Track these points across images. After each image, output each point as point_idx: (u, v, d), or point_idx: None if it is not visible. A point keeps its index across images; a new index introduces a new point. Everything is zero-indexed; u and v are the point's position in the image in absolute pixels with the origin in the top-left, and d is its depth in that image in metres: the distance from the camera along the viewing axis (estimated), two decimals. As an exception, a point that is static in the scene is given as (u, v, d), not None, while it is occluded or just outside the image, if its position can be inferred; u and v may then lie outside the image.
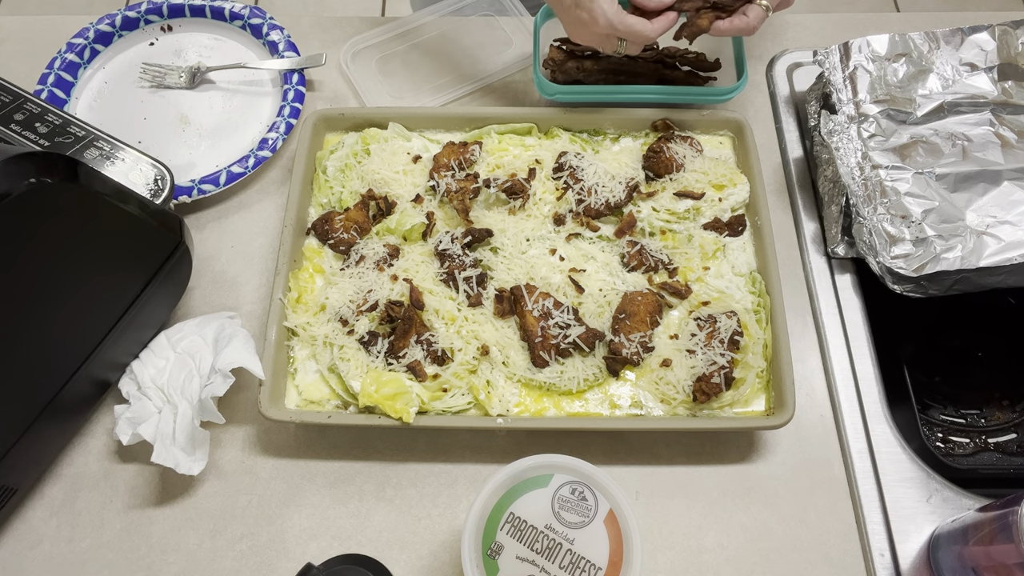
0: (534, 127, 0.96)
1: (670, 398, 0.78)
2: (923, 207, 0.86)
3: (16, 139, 0.79)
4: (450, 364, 0.79)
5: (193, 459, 0.75)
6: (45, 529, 0.77)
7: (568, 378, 0.79)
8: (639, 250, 0.87)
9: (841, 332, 0.88)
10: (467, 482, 0.80)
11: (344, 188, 0.91)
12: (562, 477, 0.63)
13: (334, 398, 0.80)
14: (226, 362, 0.76)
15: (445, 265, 0.84)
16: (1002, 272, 0.82)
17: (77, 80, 1.04)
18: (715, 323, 0.81)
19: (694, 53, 1.00)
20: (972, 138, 0.90)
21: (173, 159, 0.97)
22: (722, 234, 0.88)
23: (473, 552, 0.60)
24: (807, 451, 0.82)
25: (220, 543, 0.77)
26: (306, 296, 0.84)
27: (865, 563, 0.76)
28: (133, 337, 0.79)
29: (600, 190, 0.88)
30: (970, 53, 0.94)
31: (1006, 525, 0.64)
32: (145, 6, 1.07)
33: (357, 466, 0.81)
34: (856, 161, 0.90)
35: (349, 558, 0.61)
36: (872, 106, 0.93)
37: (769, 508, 0.79)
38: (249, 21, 1.07)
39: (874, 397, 0.84)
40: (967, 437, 0.99)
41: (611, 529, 0.61)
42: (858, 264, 0.91)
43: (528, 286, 0.83)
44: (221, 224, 0.96)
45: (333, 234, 0.87)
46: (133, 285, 0.75)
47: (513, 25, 1.10)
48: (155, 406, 0.77)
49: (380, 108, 0.97)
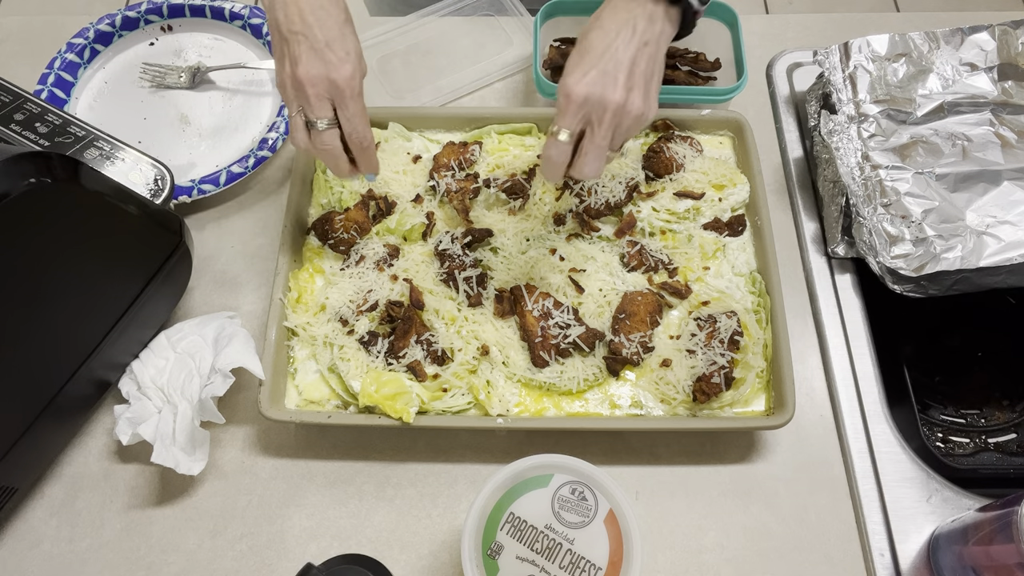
0: (534, 127, 0.96)
1: (670, 398, 0.78)
2: (923, 207, 0.86)
3: (16, 139, 0.79)
4: (450, 364, 0.79)
5: (193, 459, 0.75)
6: (45, 529, 0.77)
7: (568, 378, 0.79)
8: (639, 250, 0.87)
9: (841, 332, 0.88)
10: (467, 482, 0.80)
11: (344, 188, 0.91)
12: (562, 477, 0.63)
13: (334, 398, 0.80)
14: (226, 362, 0.76)
15: (445, 265, 0.84)
16: (1002, 272, 0.82)
17: (77, 80, 1.04)
18: (715, 323, 0.81)
19: (694, 53, 1.00)
20: (972, 138, 0.90)
21: (173, 159, 0.97)
22: (722, 234, 0.88)
23: (473, 552, 0.60)
24: (807, 451, 0.82)
25: (220, 543, 0.77)
26: (306, 296, 0.84)
27: (865, 563, 0.76)
28: (133, 337, 0.79)
29: (600, 190, 0.88)
30: (970, 53, 0.94)
31: (1006, 525, 0.64)
32: (145, 6, 1.07)
33: (357, 466, 0.81)
34: (856, 161, 0.90)
35: (349, 558, 0.61)
36: (872, 106, 0.93)
37: (769, 508, 0.79)
38: (249, 21, 1.07)
39: (874, 397, 0.84)
40: (967, 437, 0.99)
41: (611, 529, 0.61)
42: (858, 264, 0.91)
43: (528, 286, 0.83)
44: (221, 224, 0.96)
45: (333, 234, 0.87)
46: (133, 285, 0.75)
47: (513, 25, 1.10)
48: (155, 406, 0.77)
49: (380, 108, 0.97)
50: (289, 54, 0.70)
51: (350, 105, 0.71)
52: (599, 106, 0.67)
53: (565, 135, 0.68)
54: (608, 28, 0.68)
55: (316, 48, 0.68)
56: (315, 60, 0.69)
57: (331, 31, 0.69)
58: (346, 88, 0.69)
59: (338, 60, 0.69)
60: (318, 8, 0.69)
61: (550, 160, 0.70)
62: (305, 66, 0.68)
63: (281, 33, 0.70)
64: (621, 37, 0.67)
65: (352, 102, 0.71)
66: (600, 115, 0.67)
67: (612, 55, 0.67)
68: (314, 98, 0.70)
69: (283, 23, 0.69)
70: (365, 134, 0.73)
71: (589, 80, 0.66)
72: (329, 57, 0.69)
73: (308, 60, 0.68)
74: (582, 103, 0.67)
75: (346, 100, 0.70)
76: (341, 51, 0.69)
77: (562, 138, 0.68)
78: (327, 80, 0.69)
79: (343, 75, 0.69)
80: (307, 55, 0.68)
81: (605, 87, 0.66)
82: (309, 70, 0.68)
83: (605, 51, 0.67)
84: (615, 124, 0.68)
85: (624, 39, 0.67)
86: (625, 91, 0.67)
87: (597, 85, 0.66)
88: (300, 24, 0.69)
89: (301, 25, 0.69)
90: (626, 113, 0.67)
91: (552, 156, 0.69)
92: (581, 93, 0.66)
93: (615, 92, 0.66)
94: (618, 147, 0.71)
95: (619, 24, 0.68)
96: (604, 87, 0.66)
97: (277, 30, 0.70)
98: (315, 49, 0.68)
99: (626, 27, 0.67)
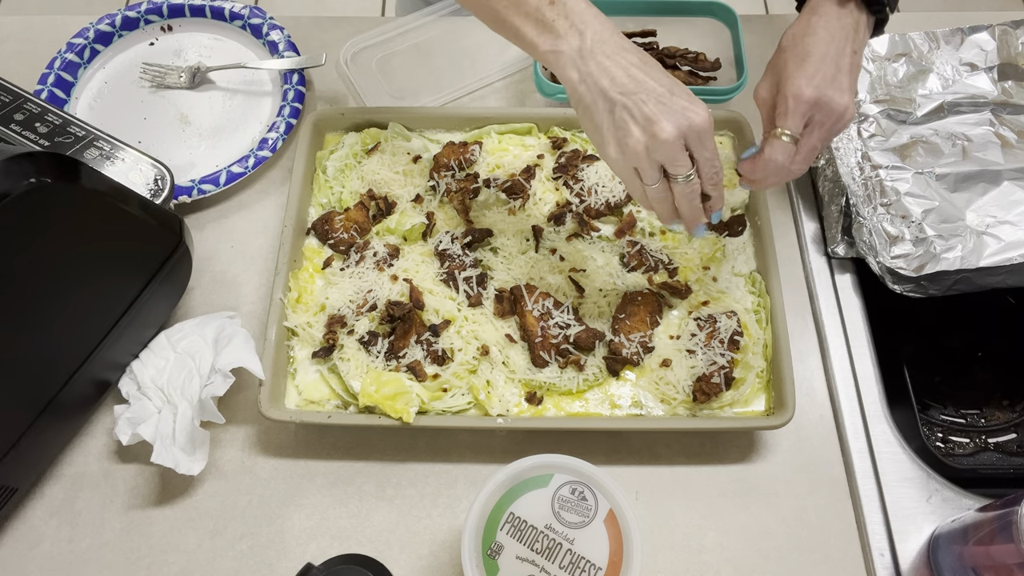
0: (534, 127, 0.96)
1: (670, 398, 0.78)
2: (923, 207, 0.86)
3: (16, 139, 0.79)
4: (450, 364, 0.79)
5: (193, 459, 0.75)
6: (45, 529, 0.77)
7: (568, 378, 0.79)
8: (639, 250, 0.87)
9: (841, 332, 0.88)
10: (467, 482, 0.80)
11: (344, 188, 0.91)
12: (562, 477, 0.63)
13: (334, 398, 0.80)
14: (226, 362, 0.76)
15: (445, 265, 0.84)
16: (1002, 272, 0.82)
17: (77, 80, 1.04)
18: (715, 323, 0.81)
19: (694, 53, 1.00)
20: (972, 138, 0.91)
21: (173, 159, 0.97)
22: (722, 234, 0.88)
23: (473, 552, 0.60)
24: (807, 451, 0.82)
25: (220, 543, 0.77)
26: (306, 296, 0.84)
27: (865, 563, 0.76)
28: (133, 337, 0.79)
29: (600, 190, 0.88)
30: (970, 53, 0.94)
31: (1006, 525, 0.64)
32: (145, 6, 1.07)
33: (357, 466, 0.81)
34: (856, 161, 0.90)
35: (349, 558, 0.61)
36: (872, 106, 0.93)
37: (769, 508, 0.79)
38: (249, 21, 1.07)
39: (874, 397, 0.84)
40: (967, 437, 0.99)
41: (611, 529, 0.61)
42: (858, 264, 0.91)
43: (528, 286, 0.83)
44: (221, 224, 0.96)
45: (333, 234, 0.87)
46: (133, 285, 0.75)
47: (513, 25, 1.10)
48: (155, 406, 0.77)
49: (380, 108, 0.97)
50: (633, 117, 0.64)
51: (710, 145, 0.66)
52: (826, 108, 0.69)
53: (788, 137, 0.70)
54: (823, 36, 0.71)
55: (663, 100, 0.64)
56: (670, 112, 0.63)
57: (663, 77, 0.65)
58: (708, 129, 0.65)
59: (690, 103, 0.64)
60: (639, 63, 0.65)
61: (774, 163, 0.70)
62: (664, 123, 0.63)
63: (612, 100, 0.65)
64: (836, 44, 0.71)
65: (711, 141, 0.66)
66: (824, 117, 0.69)
67: (833, 61, 0.70)
68: (679, 151, 0.65)
69: (610, 88, 0.64)
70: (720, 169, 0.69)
71: (817, 84, 0.69)
72: (680, 104, 0.64)
73: (664, 115, 0.63)
74: (812, 105, 0.69)
75: (706, 140, 0.65)
76: (686, 94, 0.65)
77: (786, 140, 0.70)
78: (689, 127, 0.64)
79: (703, 116, 0.64)
80: (658, 110, 0.63)
81: (833, 91, 0.69)
82: (672, 125, 0.63)
83: (824, 57, 0.70)
84: (836, 127, 0.70)
85: (839, 46, 0.71)
86: (850, 95, 0.70)
87: (826, 89, 0.69)
88: (631, 83, 0.64)
89: (632, 83, 0.64)
90: (846, 118, 0.70)
91: (778, 159, 0.70)
92: (811, 96, 0.69)
93: (842, 96, 0.69)
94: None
95: (832, 31, 0.71)
96: (833, 91, 0.69)
97: (605, 98, 0.65)
98: (663, 102, 0.64)
99: (840, 34, 0.71)
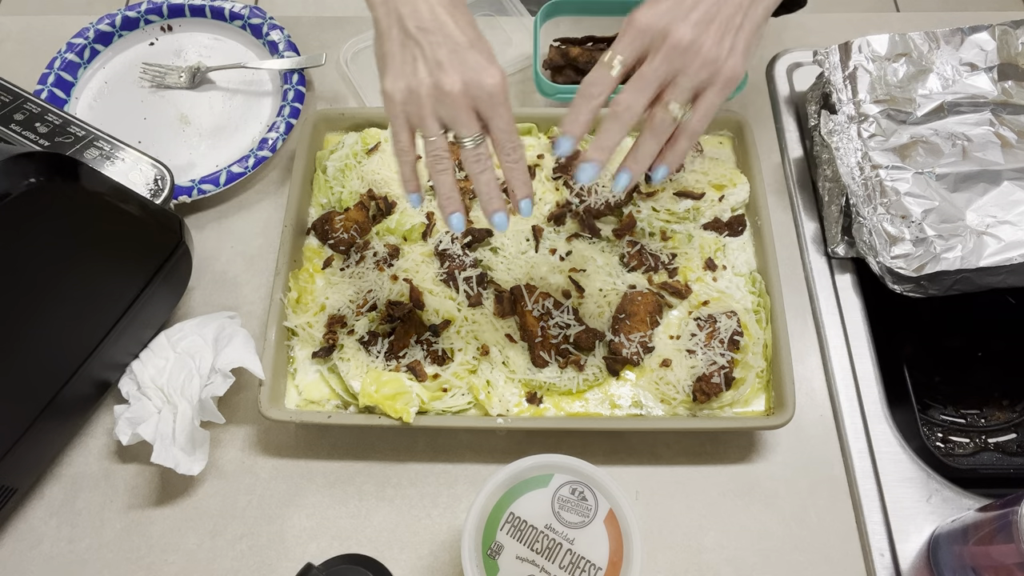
0: (534, 127, 0.96)
1: (670, 398, 0.78)
2: (923, 207, 0.86)
3: (16, 139, 0.79)
4: (450, 364, 0.79)
5: (193, 459, 0.75)
6: (45, 529, 0.77)
7: (568, 378, 0.79)
8: (639, 250, 0.87)
9: (841, 332, 0.88)
10: (467, 482, 0.80)
11: (344, 188, 0.91)
12: (562, 477, 0.63)
13: (334, 398, 0.80)
14: (226, 362, 0.76)
15: (445, 265, 0.84)
16: (1002, 272, 0.82)
17: (77, 80, 1.04)
18: (715, 323, 0.81)
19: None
20: (972, 138, 0.90)
21: (173, 159, 0.97)
22: (722, 234, 0.88)
23: (473, 552, 0.60)
24: (807, 451, 0.82)
25: (220, 543, 0.77)
26: (306, 296, 0.84)
27: (865, 563, 0.76)
28: (133, 337, 0.79)
29: (600, 190, 0.88)
30: (970, 53, 0.94)
31: (1006, 525, 0.64)
32: (145, 6, 1.07)
33: (357, 466, 0.81)
34: (856, 161, 0.90)
35: (349, 558, 0.61)
36: (872, 106, 0.93)
37: (769, 508, 0.79)
38: (249, 21, 1.07)
39: (874, 397, 0.84)
40: (967, 437, 0.99)
41: (611, 529, 0.61)
42: (858, 264, 0.91)
43: (528, 286, 0.83)
44: (221, 224, 0.96)
45: (333, 234, 0.87)
46: (133, 285, 0.75)
47: (513, 25, 1.10)
48: (155, 406, 0.77)
49: (380, 108, 0.97)
50: (424, 57, 0.58)
51: (504, 114, 0.61)
52: (660, 37, 0.58)
53: (617, 63, 0.59)
54: None
55: (458, 50, 0.58)
56: (461, 64, 0.58)
57: (470, 29, 0.59)
58: (500, 94, 0.59)
59: (487, 62, 0.59)
60: (450, 4, 0.59)
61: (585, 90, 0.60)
62: (451, 72, 0.58)
63: (407, 31, 0.58)
64: None
65: (506, 111, 0.61)
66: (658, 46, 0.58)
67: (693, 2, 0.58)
68: (464, 110, 0.59)
69: (409, 17, 0.58)
70: (520, 145, 0.62)
71: (658, 11, 0.59)
72: (477, 60, 0.58)
73: (453, 65, 0.58)
74: (642, 31, 0.59)
75: (499, 109, 0.60)
76: (486, 52, 0.59)
77: (614, 66, 0.59)
78: (478, 87, 0.59)
79: (496, 79, 0.59)
80: (450, 59, 0.58)
81: (673, 19, 0.58)
82: (457, 76, 0.58)
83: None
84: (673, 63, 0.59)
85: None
86: (695, 29, 0.58)
87: (664, 16, 0.58)
88: (432, 21, 0.58)
89: (433, 23, 0.58)
90: (693, 54, 0.58)
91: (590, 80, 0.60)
92: (643, 21, 0.59)
93: (682, 26, 0.58)
94: (684, 101, 0.60)
95: None
96: (672, 19, 0.58)
97: (400, 27, 0.59)
98: (457, 52, 0.58)
99: None
